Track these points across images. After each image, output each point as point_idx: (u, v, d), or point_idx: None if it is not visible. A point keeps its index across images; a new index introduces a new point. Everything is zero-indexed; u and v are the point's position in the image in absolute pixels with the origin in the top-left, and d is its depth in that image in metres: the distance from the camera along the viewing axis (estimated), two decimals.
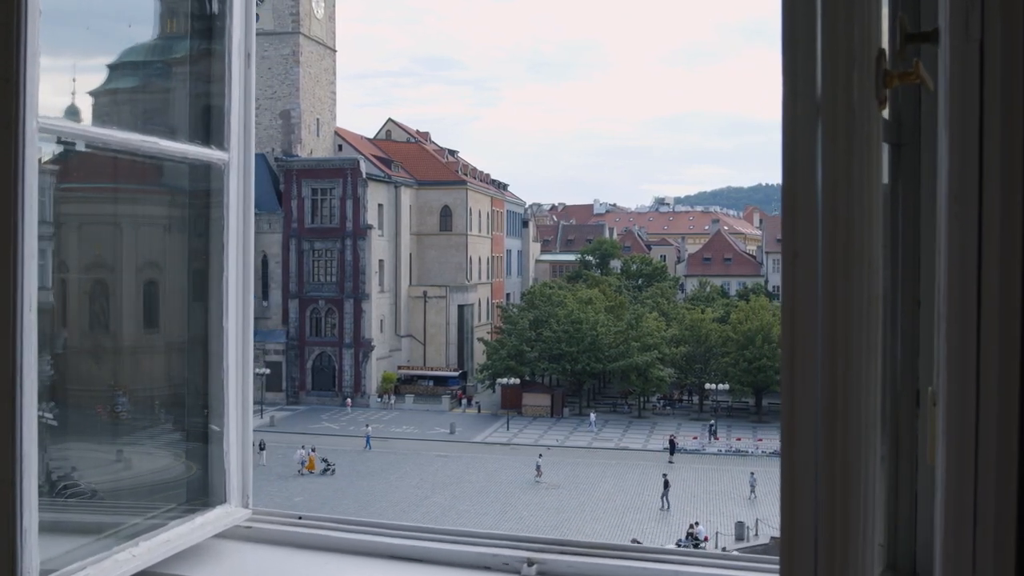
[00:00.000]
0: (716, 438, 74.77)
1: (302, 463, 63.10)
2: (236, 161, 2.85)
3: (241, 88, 2.85)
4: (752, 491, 57.40)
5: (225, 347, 2.84)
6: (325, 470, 62.89)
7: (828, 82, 1.28)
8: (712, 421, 78.14)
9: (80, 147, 3.11)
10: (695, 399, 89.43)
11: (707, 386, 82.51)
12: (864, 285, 1.31)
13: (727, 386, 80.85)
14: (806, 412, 1.30)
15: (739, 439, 74.75)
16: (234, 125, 2.86)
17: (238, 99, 2.84)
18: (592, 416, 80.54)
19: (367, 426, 74.31)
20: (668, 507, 55.39)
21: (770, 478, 62.55)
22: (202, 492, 2.92)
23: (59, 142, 3.16)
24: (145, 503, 3.02)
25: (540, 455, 63.25)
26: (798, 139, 1.30)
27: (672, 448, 68.29)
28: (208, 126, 2.88)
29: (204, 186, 2.90)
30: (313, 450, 64.52)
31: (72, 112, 3.10)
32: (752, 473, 59.20)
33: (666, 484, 56.17)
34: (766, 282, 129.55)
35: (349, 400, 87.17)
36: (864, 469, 1.30)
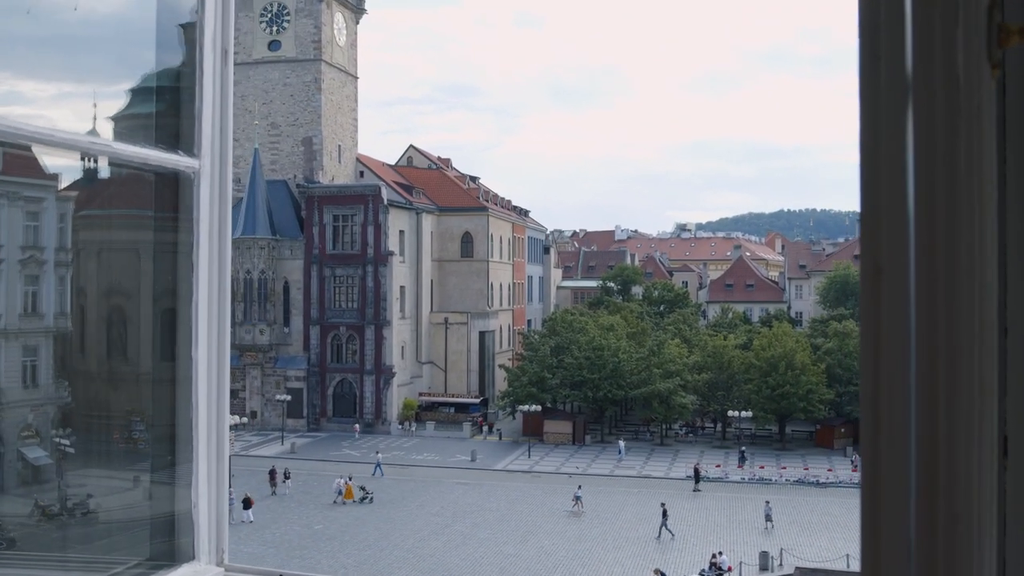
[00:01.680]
0: (740, 466, 74.21)
1: (339, 492, 62.49)
2: (209, 169, 2.46)
3: (216, 88, 2.48)
4: (768, 521, 56.67)
5: (195, 381, 2.42)
6: (363, 499, 62.36)
7: (922, 43, 0.91)
8: (743, 447, 77.46)
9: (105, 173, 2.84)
10: (718, 426, 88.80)
11: (730, 413, 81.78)
12: (975, 309, 1.00)
13: (750, 413, 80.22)
14: (895, 473, 0.98)
15: (762, 467, 74.11)
16: (207, 129, 2.47)
17: (212, 100, 2.46)
18: (621, 444, 79.79)
19: (377, 453, 74.11)
20: (672, 536, 54.78)
21: (793, 507, 61.94)
22: (168, 546, 2.56)
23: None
24: (106, 558, 2.66)
25: (579, 486, 62.43)
26: (881, 120, 0.94)
27: (697, 476, 67.71)
28: (178, 130, 2.53)
29: (172, 198, 2.55)
30: (350, 478, 63.96)
31: (93, 135, 2.84)
32: (767, 502, 58.44)
33: (664, 513, 55.63)
34: (789, 308, 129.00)
35: (356, 426, 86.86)
36: (977, 554, 0.98)
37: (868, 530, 1.01)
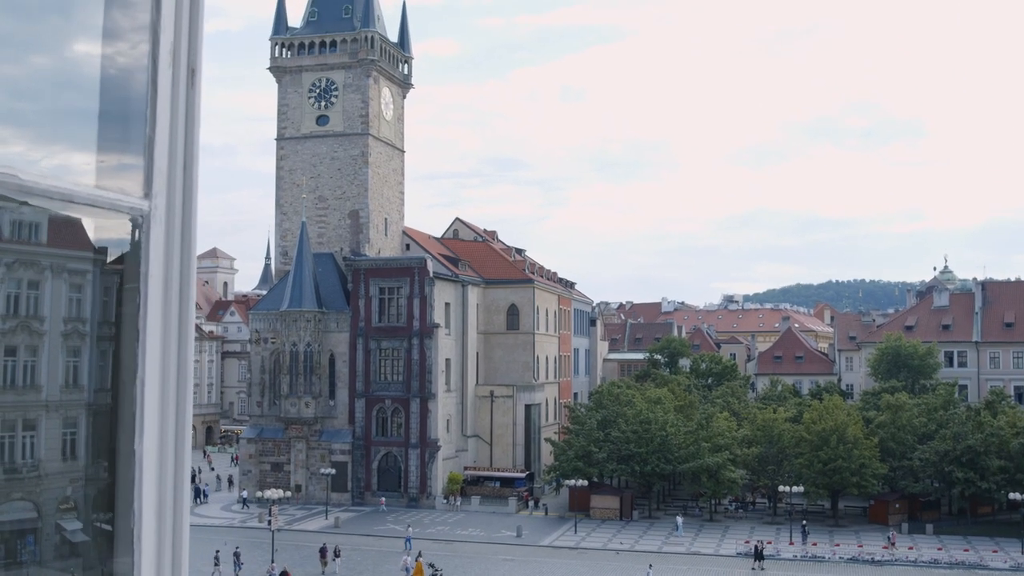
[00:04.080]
0: (791, 543, 72.35)
1: (407, 570, 60.63)
2: (163, 214, 1.92)
3: (176, 111, 1.94)
4: None
5: (138, 484, 1.88)
6: None
7: None
8: (804, 522, 75.34)
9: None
10: (768, 501, 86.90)
11: (781, 488, 79.84)
12: None
13: (801, 488, 78.23)
14: None
15: (815, 544, 72.22)
16: (160, 162, 1.93)
17: (169, 126, 1.94)
18: (679, 519, 77.52)
19: (408, 527, 72.72)
20: None
21: None
22: None
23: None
24: None
25: (650, 565, 60.68)
26: None
27: (758, 554, 65.81)
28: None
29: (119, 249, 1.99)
30: (420, 555, 62.08)
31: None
32: None
33: None
34: (839, 380, 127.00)
35: (383, 500, 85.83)
36: None
37: None
